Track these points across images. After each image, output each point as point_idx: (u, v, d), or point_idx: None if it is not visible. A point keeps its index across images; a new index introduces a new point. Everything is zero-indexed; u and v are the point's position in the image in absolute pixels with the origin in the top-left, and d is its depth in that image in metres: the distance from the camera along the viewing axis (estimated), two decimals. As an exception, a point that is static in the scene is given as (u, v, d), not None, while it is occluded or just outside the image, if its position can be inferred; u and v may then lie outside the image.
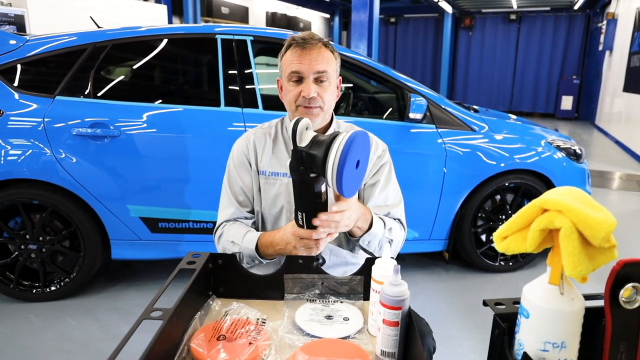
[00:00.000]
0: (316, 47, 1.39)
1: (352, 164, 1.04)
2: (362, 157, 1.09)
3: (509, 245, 0.74)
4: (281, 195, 1.48)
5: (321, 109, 1.41)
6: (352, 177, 1.07)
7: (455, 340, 2.57)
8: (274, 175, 1.49)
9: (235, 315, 1.06)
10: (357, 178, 1.10)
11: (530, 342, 0.73)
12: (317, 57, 1.38)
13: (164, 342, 0.86)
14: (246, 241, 1.39)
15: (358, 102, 3.61)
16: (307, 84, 1.38)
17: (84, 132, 2.69)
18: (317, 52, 1.38)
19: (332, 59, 1.43)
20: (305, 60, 1.37)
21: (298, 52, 1.38)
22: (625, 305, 0.72)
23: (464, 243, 3.26)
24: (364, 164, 1.11)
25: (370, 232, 1.34)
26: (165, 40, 2.97)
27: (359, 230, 1.33)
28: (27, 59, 2.76)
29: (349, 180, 1.05)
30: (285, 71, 1.41)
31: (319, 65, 1.38)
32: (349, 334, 1.03)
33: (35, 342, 2.48)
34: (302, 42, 1.38)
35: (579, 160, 3.43)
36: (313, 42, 1.38)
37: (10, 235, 2.78)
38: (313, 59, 1.37)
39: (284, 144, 1.52)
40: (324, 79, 1.40)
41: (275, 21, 13.29)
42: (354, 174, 1.07)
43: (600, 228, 0.62)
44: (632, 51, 8.23)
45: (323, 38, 1.44)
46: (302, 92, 1.38)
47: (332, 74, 1.42)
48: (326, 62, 1.40)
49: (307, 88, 1.37)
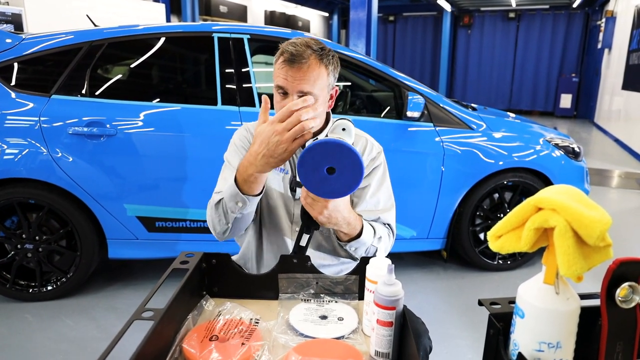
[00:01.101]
0: (305, 65, 1.29)
1: (314, 166, 1.03)
2: (339, 166, 1.03)
3: (504, 245, 0.73)
4: (275, 186, 1.47)
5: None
6: (319, 176, 1.04)
7: (453, 339, 2.56)
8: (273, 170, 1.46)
9: (228, 315, 1.05)
10: (329, 182, 1.05)
11: (525, 342, 0.72)
12: (304, 76, 1.29)
13: (155, 342, 0.85)
14: (228, 185, 1.28)
15: (356, 100, 3.60)
16: (290, 101, 1.28)
17: (80, 131, 2.68)
18: (305, 71, 1.29)
19: (323, 75, 1.33)
20: (290, 77, 1.29)
21: (284, 68, 1.30)
22: (621, 305, 0.71)
23: (462, 242, 3.26)
24: (347, 173, 1.04)
25: (359, 240, 1.31)
26: (162, 38, 2.96)
27: (346, 236, 1.31)
28: (23, 57, 2.75)
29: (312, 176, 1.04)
30: (274, 80, 1.35)
31: (303, 86, 1.30)
32: (343, 334, 1.02)
33: (31, 341, 2.47)
34: (291, 58, 1.28)
35: (577, 159, 3.42)
36: (302, 61, 1.28)
37: (7, 235, 2.77)
38: (298, 78, 1.29)
39: None
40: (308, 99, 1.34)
41: (274, 20, 13.27)
42: (320, 173, 1.04)
43: (595, 227, 0.61)
44: (631, 49, 8.22)
45: (319, 46, 1.34)
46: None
47: (319, 91, 1.33)
48: (312, 81, 1.30)
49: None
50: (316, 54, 1.31)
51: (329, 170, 1.04)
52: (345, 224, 1.25)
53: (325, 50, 1.35)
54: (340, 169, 1.04)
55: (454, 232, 3.23)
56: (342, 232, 1.29)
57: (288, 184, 1.46)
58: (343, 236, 1.31)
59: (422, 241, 3.22)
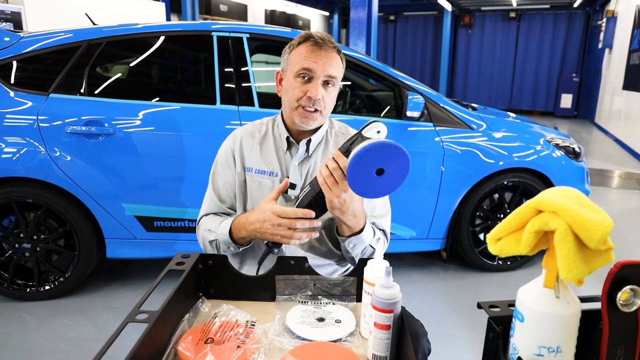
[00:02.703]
0: (331, 51, 1.36)
1: (368, 163, 1.05)
2: (389, 168, 1.06)
3: (503, 248, 0.71)
4: (265, 194, 1.43)
5: (320, 113, 1.38)
6: (367, 176, 1.06)
7: (453, 340, 2.55)
8: (260, 174, 1.46)
9: (224, 317, 1.04)
10: (374, 183, 1.07)
11: (525, 346, 0.71)
12: (332, 61, 1.36)
13: (149, 345, 0.84)
14: (222, 227, 1.38)
15: (355, 100, 3.59)
16: (315, 85, 1.35)
17: (78, 130, 2.66)
18: (333, 57, 1.37)
19: (341, 65, 1.41)
20: (320, 60, 1.34)
21: (314, 50, 1.35)
22: (622, 309, 0.70)
23: (461, 242, 3.24)
24: (394, 174, 1.07)
25: (359, 236, 1.30)
26: (161, 37, 2.95)
27: (348, 230, 1.29)
28: (21, 56, 2.74)
29: (362, 176, 1.06)
30: (294, 65, 1.36)
31: (332, 70, 1.36)
32: (341, 336, 1.01)
33: (29, 341, 2.46)
34: (320, 42, 1.35)
35: (578, 159, 3.41)
36: (330, 45, 1.36)
37: (4, 234, 2.76)
38: (328, 62, 1.35)
39: (274, 143, 1.48)
40: (332, 84, 1.38)
41: (274, 19, 13.25)
42: (369, 174, 1.06)
43: (596, 230, 0.60)
44: (631, 49, 8.20)
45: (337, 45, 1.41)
46: (308, 92, 1.34)
47: (338, 79, 1.41)
48: (338, 68, 1.38)
49: (315, 89, 1.34)
50: (336, 48, 1.39)
51: (377, 171, 1.06)
52: (352, 216, 1.24)
53: (338, 46, 1.41)
54: (389, 171, 1.06)
55: (453, 232, 3.22)
56: (345, 224, 1.26)
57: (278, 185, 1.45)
58: (345, 230, 1.29)
59: (421, 241, 3.21)
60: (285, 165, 1.46)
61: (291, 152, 1.46)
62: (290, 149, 1.46)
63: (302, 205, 1.22)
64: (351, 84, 3.49)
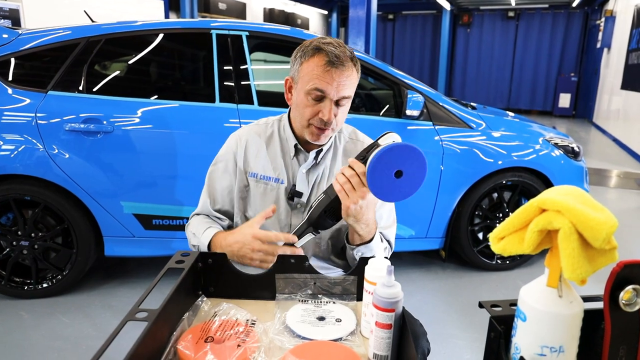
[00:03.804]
0: (347, 68, 1.27)
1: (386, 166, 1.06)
2: (408, 170, 1.07)
3: (506, 247, 0.71)
4: (270, 201, 1.41)
5: (332, 130, 1.34)
6: (386, 180, 1.07)
7: (452, 339, 2.55)
8: (265, 180, 1.41)
9: (224, 316, 1.03)
10: (395, 186, 1.08)
11: (527, 346, 0.71)
12: (347, 80, 1.27)
13: (149, 344, 0.83)
14: (204, 236, 1.34)
15: (355, 98, 3.58)
16: (327, 107, 1.28)
17: (77, 127, 2.65)
18: (348, 75, 1.27)
19: (357, 80, 1.33)
20: (334, 81, 1.25)
21: (328, 70, 1.25)
22: (625, 308, 0.70)
23: (460, 241, 3.24)
24: (412, 177, 1.08)
25: (368, 245, 1.27)
26: (159, 35, 2.94)
27: (359, 239, 1.27)
28: (20, 53, 2.73)
29: (381, 177, 1.07)
30: (305, 81, 1.28)
31: (346, 90, 1.28)
32: (341, 335, 1.01)
33: (26, 339, 2.45)
34: (335, 61, 1.24)
35: (576, 158, 3.40)
36: (346, 63, 1.26)
37: (2, 232, 2.75)
38: (342, 83, 1.26)
39: (280, 146, 1.43)
40: (345, 103, 1.32)
41: (273, 17, 13.24)
42: (388, 177, 1.07)
43: (601, 229, 0.60)
44: (630, 48, 8.21)
45: (352, 51, 1.31)
46: (320, 113, 1.28)
47: (353, 96, 1.34)
48: (353, 86, 1.30)
49: (328, 112, 1.28)
50: (351, 55, 1.30)
51: (396, 174, 1.07)
52: (365, 224, 1.22)
53: (353, 53, 1.32)
54: (408, 173, 1.07)
55: (452, 231, 3.22)
56: (357, 233, 1.24)
57: (284, 193, 1.41)
58: (356, 238, 1.26)
59: (420, 240, 3.21)
60: (292, 172, 1.41)
61: (298, 159, 1.42)
62: (298, 155, 1.42)
63: (316, 212, 1.19)
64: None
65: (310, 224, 1.21)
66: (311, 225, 1.21)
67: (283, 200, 1.40)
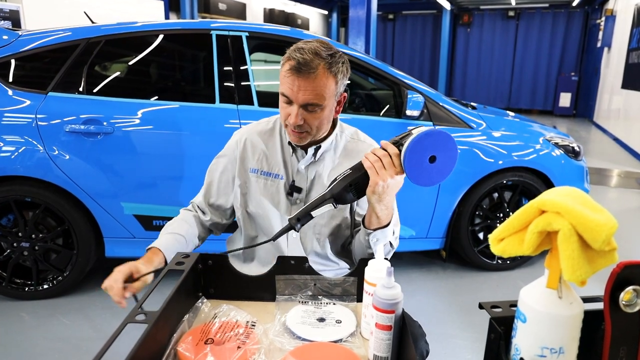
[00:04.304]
0: (312, 75, 1.24)
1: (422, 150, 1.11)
2: (441, 157, 1.11)
3: (506, 248, 0.71)
4: (270, 195, 1.43)
5: (308, 133, 1.33)
6: (421, 163, 1.12)
7: (452, 339, 2.55)
8: (265, 175, 1.43)
9: (224, 317, 1.03)
10: (428, 170, 1.12)
11: (527, 347, 0.71)
12: (311, 86, 1.25)
13: (149, 346, 0.83)
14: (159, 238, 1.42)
15: (355, 99, 3.58)
16: (294, 111, 1.28)
17: (77, 128, 2.65)
18: (313, 81, 1.25)
19: (331, 85, 1.28)
20: (295, 87, 1.25)
21: (290, 76, 1.25)
22: (625, 309, 0.69)
23: (461, 241, 3.24)
24: (443, 165, 1.12)
25: (384, 230, 1.27)
26: (159, 36, 2.94)
27: (377, 222, 1.26)
28: (20, 54, 2.73)
29: (417, 160, 1.12)
30: (280, 86, 1.30)
31: (309, 98, 1.26)
32: (341, 337, 1.01)
33: (26, 340, 2.45)
34: (298, 68, 1.23)
35: (577, 158, 3.40)
36: (310, 71, 1.23)
37: (3, 233, 2.75)
38: (304, 90, 1.25)
39: (280, 143, 1.45)
40: (314, 110, 1.29)
41: (273, 17, 13.24)
42: (423, 161, 1.11)
43: (600, 230, 0.60)
44: (630, 48, 8.21)
45: (329, 52, 1.27)
46: (289, 116, 1.29)
47: (326, 102, 1.29)
48: (319, 92, 1.26)
49: (294, 117, 1.28)
50: (325, 62, 1.26)
51: (430, 158, 1.11)
52: (385, 207, 1.22)
53: (336, 57, 1.29)
54: (440, 160, 1.12)
55: (453, 231, 3.21)
56: (376, 214, 1.24)
57: (283, 188, 1.42)
58: (374, 221, 1.26)
59: (421, 240, 3.20)
60: (292, 169, 1.43)
61: (297, 155, 1.43)
62: (296, 152, 1.43)
63: (340, 185, 1.18)
64: (350, 83, 3.48)
65: (332, 196, 1.18)
66: (333, 196, 1.18)
67: (283, 195, 1.42)
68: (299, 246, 1.43)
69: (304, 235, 1.43)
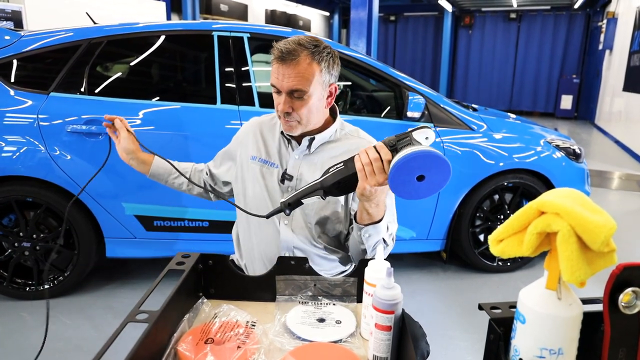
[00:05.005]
0: (294, 62, 1.30)
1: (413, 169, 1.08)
2: (430, 177, 1.09)
3: (505, 249, 0.71)
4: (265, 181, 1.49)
5: (299, 123, 1.39)
6: (408, 180, 1.09)
7: (452, 341, 2.55)
8: (262, 162, 1.51)
9: (224, 317, 1.04)
10: (412, 186, 1.10)
11: (526, 348, 0.71)
12: (293, 73, 1.31)
13: (149, 345, 0.84)
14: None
15: (356, 100, 3.59)
16: (282, 99, 1.35)
17: (78, 129, 2.66)
18: (294, 68, 1.31)
19: (315, 71, 1.33)
20: (280, 75, 1.32)
21: (276, 65, 1.33)
22: (624, 311, 0.70)
23: (461, 243, 3.24)
24: (431, 184, 1.11)
25: (377, 225, 1.29)
26: (161, 36, 2.94)
27: (368, 218, 1.28)
28: (22, 54, 2.73)
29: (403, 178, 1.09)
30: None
31: (292, 84, 1.32)
32: (341, 337, 1.01)
33: (27, 340, 2.45)
34: (281, 56, 1.31)
35: (578, 160, 3.40)
36: (292, 58, 1.30)
37: (4, 233, 2.76)
38: (288, 76, 1.31)
39: (279, 136, 1.52)
40: (300, 96, 1.34)
41: (274, 19, 13.26)
42: (411, 178, 1.09)
43: (599, 232, 0.60)
44: (632, 50, 8.20)
45: (313, 43, 1.34)
46: (278, 105, 1.37)
47: (312, 90, 1.34)
48: (303, 78, 1.32)
49: (282, 104, 1.35)
50: (308, 50, 1.33)
51: (418, 177, 1.09)
52: (375, 205, 1.24)
53: (320, 47, 1.35)
54: (429, 179, 1.10)
55: (453, 233, 3.21)
56: (367, 211, 1.26)
57: (277, 176, 1.48)
58: (365, 217, 1.28)
59: (421, 242, 3.20)
60: (285, 158, 1.49)
61: (292, 146, 1.49)
62: (291, 143, 1.49)
63: (330, 180, 1.20)
64: (352, 84, 3.48)
65: (322, 187, 1.20)
66: (323, 188, 1.20)
67: (276, 182, 1.48)
68: (289, 231, 1.46)
69: (295, 221, 1.46)
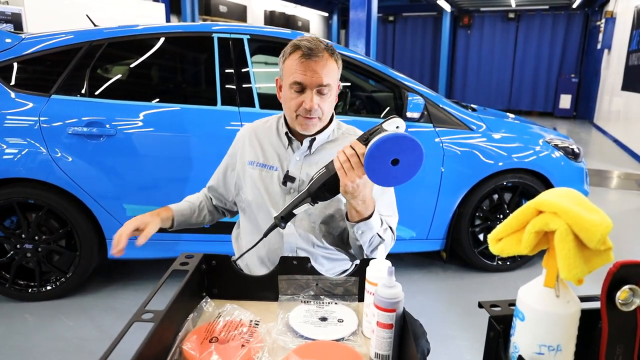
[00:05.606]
0: (322, 58, 1.36)
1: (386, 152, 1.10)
2: (404, 159, 1.11)
3: (504, 248, 0.72)
4: (263, 185, 1.50)
5: (319, 119, 1.42)
6: (383, 165, 1.11)
7: (452, 340, 2.56)
8: (260, 166, 1.52)
9: (228, 317, 1.05)
10: (392, 172, 1.12)
11: (525, 345, 0.72)
12: (322, 70, 1.36)
13: (155, 344, 0.85)
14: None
15: (356, 101, 3.60)
16: (309, 96, 1.37)
17: (79, 131, 2.67)
18: (323, 65, 1.36)
19: (336, 69, 1.41)
20: (309, 72, 1.35)
21: (303, 62, 1.35)
22: (621, 308, 0.71)
23: (461, 242, 3.25)
24: (407, 166, 1.12)
25: (368, 222, 1.31)
26: (161, 38, 2.95)
27: (357, 215, 1.30)
28: (22, 57, 2.74)
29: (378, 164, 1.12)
30: (287, 78, 1.40)
31: (323, 79, 1.36)
32: (343, 336, 1.02)
33: (30, 341, 2.46)
34: (309, 53, 1.34)
35: (577, 159, 3.42)
36: (319, 54, 1.35)
37: (6, 235, 2.76)
38: (318, 72, 1.35)
39: (277, 139, 1.53)
40: (326, 92, 1.39)
41: (273, 20, 13.26)
42: (385, 163, 1.11)
43: (596, 230, 0.61)
44: (630, 50, 8.22)
45: (328, 43, 1.41)
46: (303, 103, 1.38)
47: (333, 85, 1.41)
48: (330, 74, 1.38)
49: (310, 100, 1.37)
50: (327, 48, 1.39)
51: (393, 161, 1.11)
52: (362, 201, 1.26)
53: (331, 46, 1.41)
54: (404, 162, 1.11)
55: (453, 233, 3.23)
56: (355, 209, 1.29)
57: (277, 179, 1.48)
58: (354, 215, 1.31)
59: (421, 242, 3.22)
60: (286, 160, 1.50)
61: (292, 147, 1.50)
62: (292, 144, 1.50)
63: (315, 185, 1.24)
64: (351, 84, 3.49)
65: (310, 195, 1.24)
66: (310, 195, 1.24)
67: (277, 185, 1.49)
68: (293, 233, 1.47)
69: (299, 222, 1.47)
